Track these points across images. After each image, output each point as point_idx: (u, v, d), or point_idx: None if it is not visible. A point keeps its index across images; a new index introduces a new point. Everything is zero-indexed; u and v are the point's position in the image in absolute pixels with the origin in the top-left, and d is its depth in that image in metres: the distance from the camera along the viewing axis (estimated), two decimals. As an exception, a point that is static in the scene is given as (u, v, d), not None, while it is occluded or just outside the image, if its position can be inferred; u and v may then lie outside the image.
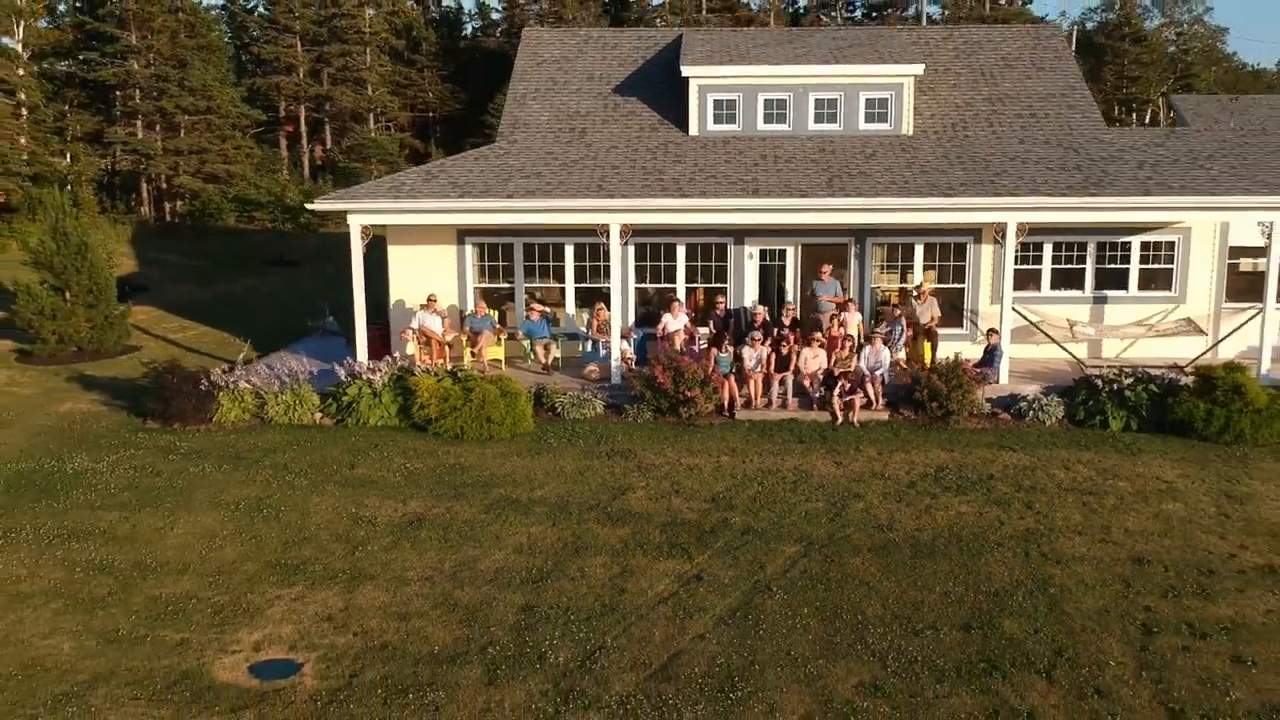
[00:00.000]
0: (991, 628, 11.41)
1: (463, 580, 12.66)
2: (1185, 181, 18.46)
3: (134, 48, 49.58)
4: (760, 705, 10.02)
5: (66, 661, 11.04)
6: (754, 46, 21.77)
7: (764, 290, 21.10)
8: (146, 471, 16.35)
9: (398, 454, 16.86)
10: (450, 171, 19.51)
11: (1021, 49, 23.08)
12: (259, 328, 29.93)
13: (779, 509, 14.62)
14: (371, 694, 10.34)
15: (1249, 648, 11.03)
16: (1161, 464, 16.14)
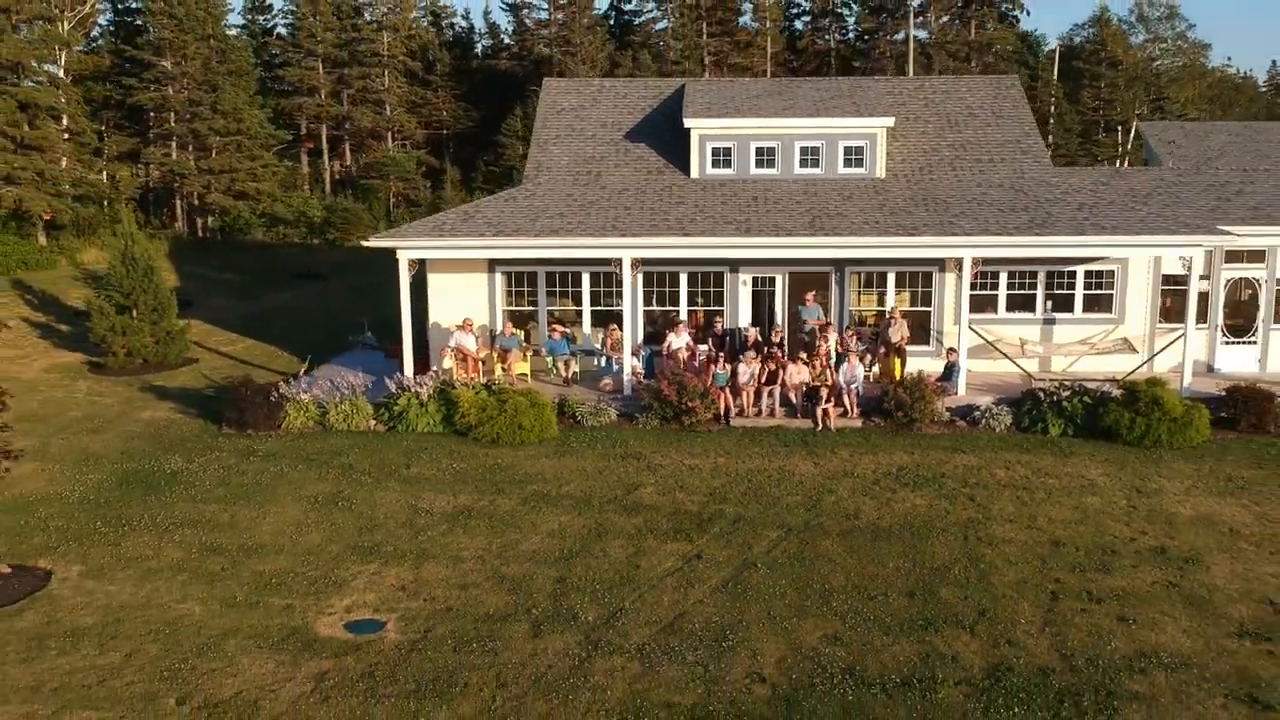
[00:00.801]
0: (931, 595, 14.30)
1: (507, 558, 15.56)
2: (1117, 223, 21.36)
3: (169, 74, 52.49)
4: (746, 652, 12.90)
5: (199, 620, 13.93)
6: (747, 98, 24.64)
7: (756, 312, 23.97)
8: (233, 471, 19.25)
9: (444, 456, 19.76)
10: (485, 212, 22.41)
11: (983, 99, 25.93)
12: (300, 341, 32.85)
13: (765, 501, 17.50)
14: (443, 644, 13.21)
15: (1133, 610, 13.90)
16: (1088, 464, 19.03)
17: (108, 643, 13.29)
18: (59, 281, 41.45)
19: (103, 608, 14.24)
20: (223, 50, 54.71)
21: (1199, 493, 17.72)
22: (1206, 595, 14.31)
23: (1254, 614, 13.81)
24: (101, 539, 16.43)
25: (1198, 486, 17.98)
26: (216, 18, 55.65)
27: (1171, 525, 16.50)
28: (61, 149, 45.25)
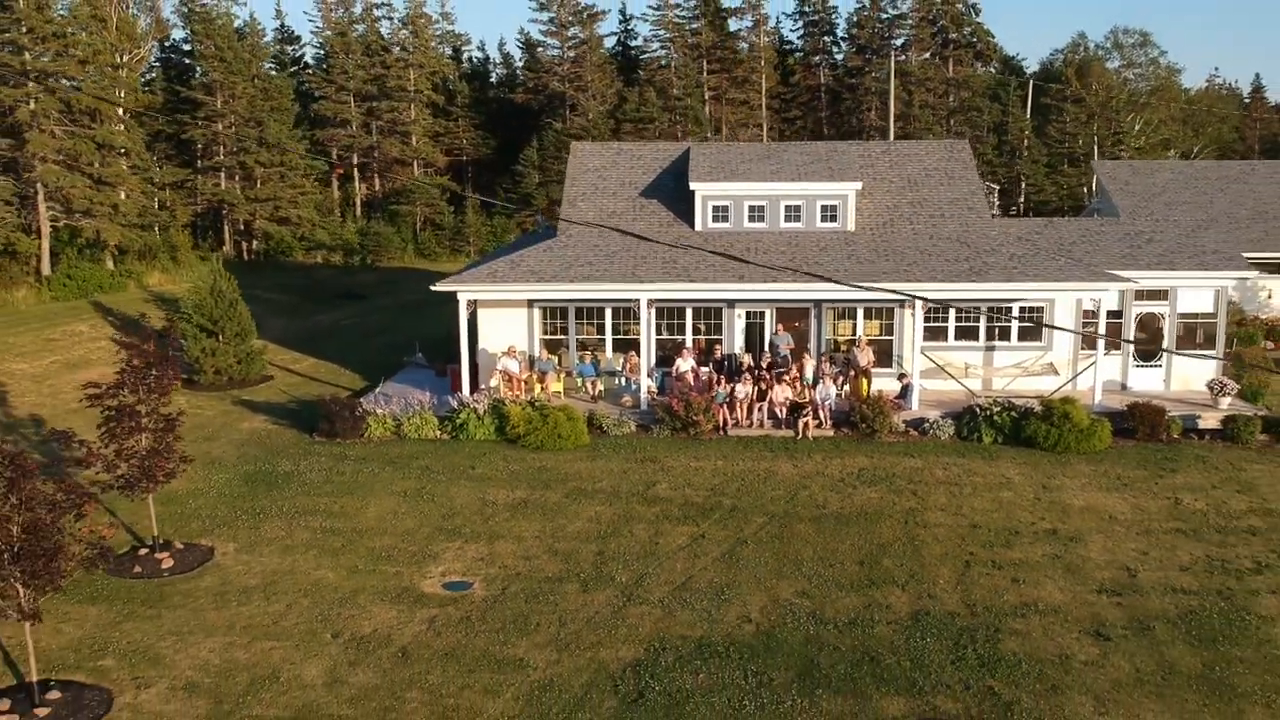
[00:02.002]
0: (875, 563, 19.05)
1: (558, 538, 20.30)
2: (1040, 271, 26.11)
3: (219, 111, 57.32)
4: (738, 602, 17.64)
5: (334, 582, 18.68)
6: (741, 162, 29.35)
7: (749, 340, 28.69)
8: (334, 471, 24.00)
9: (500, 460, 24.50)
10: (528, 261, 27.17)
11: (938, 161, 30.59)
12: (355, 358, 37.59)
13: (754, 495, 22.25)
14: (517, 597, 17.95)
15: (1024, 574, 18.64)
16: (1009, 466, 23.78)
17: (271, 597, 18.05)
18: (133, 304, 46.11)
19: (260, 573, 19.00)
20: (266, 88, 59.50)
21: (1091, 488, 22.48)
22: (1080, 564, 19.06)
23: (1113, 577, 18.57)
24: (244, 524, 21.18)
25: (1092, 484, 22.74)
26: (260, 58, 60.50)
27: (1065, 513, 21.26)
28: (130, 183, 49.98)
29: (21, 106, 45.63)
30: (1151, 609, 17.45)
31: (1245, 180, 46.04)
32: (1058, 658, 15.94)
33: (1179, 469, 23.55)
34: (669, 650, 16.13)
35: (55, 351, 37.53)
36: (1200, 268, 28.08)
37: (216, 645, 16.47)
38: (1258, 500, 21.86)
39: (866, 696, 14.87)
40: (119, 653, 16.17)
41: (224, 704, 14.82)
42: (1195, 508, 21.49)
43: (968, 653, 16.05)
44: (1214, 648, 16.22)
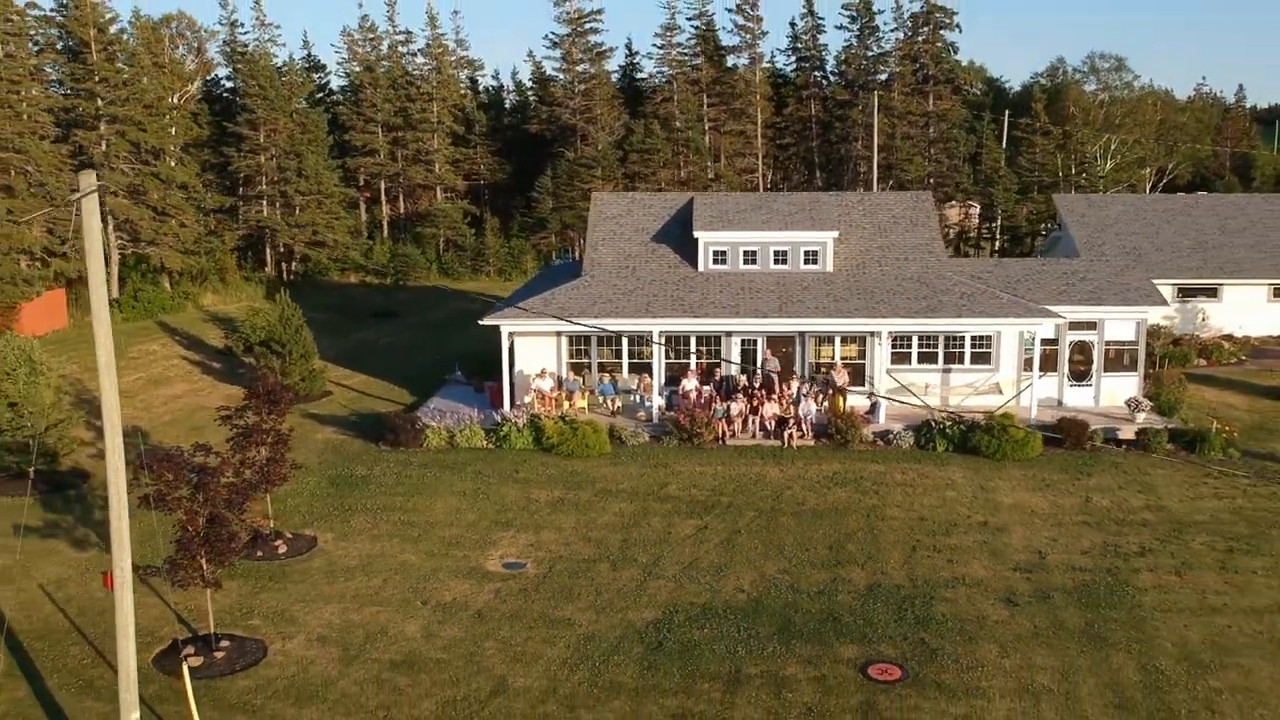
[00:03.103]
0: (841, 548, 23.96)
1: (591, 528, 25.20)
2: (984, 308, 31.03)
3: (262, 145, 62.22)
4: (733, 577, 22.55)
5: (416, 563, 23.57)
6: (737, 212, 34.21)
7: (744, 364, 33.58)
8: (402, 475, 28.91)
9: (539, 465, 29.41)
10: (559, 299, 32.07)
11: (905, 210, 35.42)
12: (399, 375, 42.41)
13: (747, 494, 27.15)
14: (561, 574, 22.84)
15: (957, 556, 23.55)
16: (955, 471, 28.68)
17: (369, 574, 22.96)
18: (194, 323, 51.04)
19: (357, 556, 23.92)
20: (303, 123, 64.36)
21: (1020, 489, 27.39)
22: (1003, 549, 23.98)
23: (1026, 559, 23.48)
24: (336, 518, 26.09)
25: (1020, 485, 27.66)
26: (298, 95, 65.39)
27: (996, 509, 26.18)
28: (187, 213, 54.83)
29: (96, 148, 50.56)
30: (1053, 583, 22.37)
31: (1189, 213, 50.92)
32: (975, 618, 20.86)
33: (1094, 473, 28.47)
34: (680, 612, 21.04)
35: (137, 369, 42.39)
36: (1124, 303, 32.99)
37: (334, 610, 21.39)
38: (1153, 499, 26.78)
39: (829, 644, 19.79)
40: (263, 615, 21.09)
41: (350, 650, 19.73)
42: (1101, 504, 26.42)
43: (907, 614, 20.97)
44: (1096, 611, 21.14)
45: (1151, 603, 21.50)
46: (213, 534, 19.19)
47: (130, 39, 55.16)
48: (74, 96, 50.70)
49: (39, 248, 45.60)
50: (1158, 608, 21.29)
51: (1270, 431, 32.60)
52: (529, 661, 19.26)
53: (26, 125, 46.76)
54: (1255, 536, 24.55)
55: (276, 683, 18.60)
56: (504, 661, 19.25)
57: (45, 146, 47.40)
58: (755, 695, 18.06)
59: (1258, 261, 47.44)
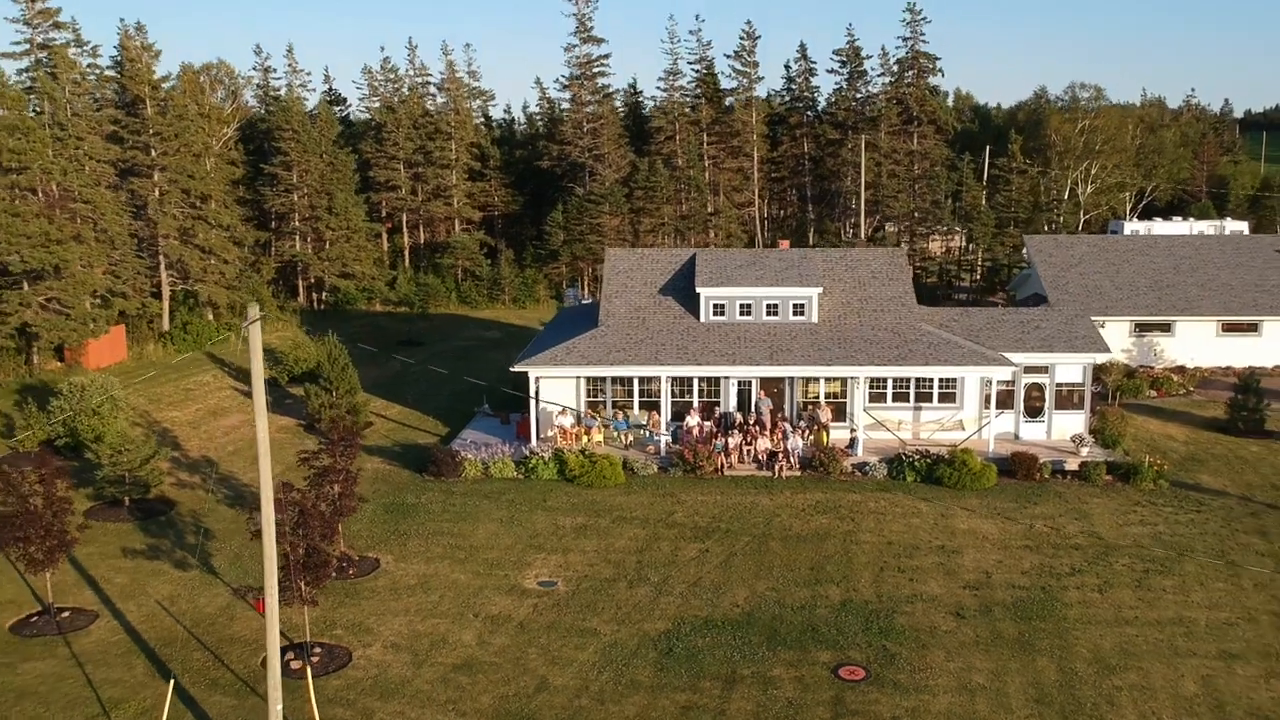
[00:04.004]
0: (821, 569, 28.32)
1: (610, 551, 29.56)
2: (949, 357, 35.40)
3: (295, 185, 66.62)
4: (730, 594, 26.91)
5: (465, 582, 27.87)
6: (734, 268, 38.55)
7: (740, 403, 37.91)
8: (447, 503, 33.25)
9: (563, 495, 33.77)
10: (579, 348, 36.44)
11: (882, 266, 39.75)
12: (432, 405, 46.72)
13: (742, 521, 31.51)
14: (587, 591, 27.20)
15: (918, 575, 27.89)
16: (920, 501, 33.03)
17: (427, 591, 27.31)
18: (238, 355, 55.28)
19: (416, 575, 28.27)
20: (333, 163, 68.78)
21: (974, 517, 31.77)
22: (956, 569, 28.34)
23: (975, 578, 27.84)
24: (395, 542, 30.46)
25: (975, 513, 32.03)
26: (329, 136, 69.80)
27: (953, 534, 30.55)
28: (229, 251, 59.16)
29: (150, 194, 54.96)
30: (995, 598, 26.74)
31: (1146, 253, 55.30)
32: (929, 628, 25.23)
33: (1039, 502, 32.85)
34: (686, 624, 25.41)
35: (195, 400, 46.72)
36: (1072, 350, 37.37)
37: (402, 622, 25.75)
38: (1088, 525, 31.15)
39: (808, 650, 24.15)
40: (344, 626, 25.46)
41: (419, 655, 24.09)
42: (1043, 530, 30.80)
43: (873, 625, 25.33)
44: (1028, 622, 25.50)
45: (1075, 616, 25.86)
46: (310, 561, 23.55)
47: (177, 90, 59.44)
48: (130, 148, 55.03)
49: (104, 289, 49.92)
50: (1080, 620, 25.65)
51: (1200, 462, 36.94)
52: (564, 664, 23.62)
53: (91, 177, 51.16)
54: (1169, 559, 28.92)
55: (363, 682, 22.96)
56: (544, 664, 23.61)
57: (108, 196, 51.79)
58: (747, 692, 22.42)
59: (1208, 299, 51.81)
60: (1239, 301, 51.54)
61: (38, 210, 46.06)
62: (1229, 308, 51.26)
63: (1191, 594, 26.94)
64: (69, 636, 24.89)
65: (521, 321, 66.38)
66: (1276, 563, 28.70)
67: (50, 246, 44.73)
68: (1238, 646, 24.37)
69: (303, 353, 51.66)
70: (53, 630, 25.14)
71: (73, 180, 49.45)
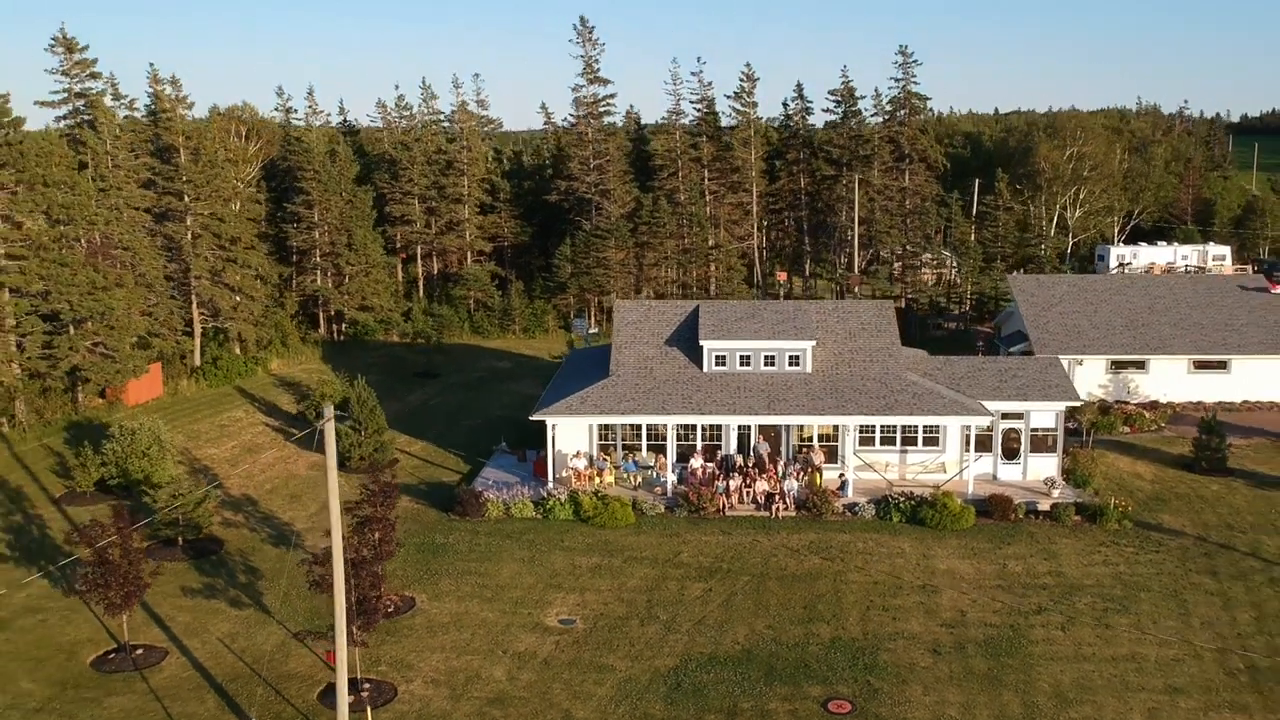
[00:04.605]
0: (813, 608, 31.28)
1: (622, 590, 32.53)
2: (932, 407, 38.39)
3: (316, 223, 69.64)
4: (731, 632, 29.88)
5: (493, 620, 30.85)
6: (735, 321, 41.53)
7: (740, 447, 40.87)
8: (473, 543, 36.20)
9: (578, 534, 36.73)
10: (592, 398, 39.45)
11: (871, 318, 42.72)
12: (451, 440, 49.65)
13: (742, 561, 34.48)
14: (603, 629, 30.17)
15: (901, 614, 30.84)
16: (905, 540, 35.99)
17: (460, 630, 30.27)
18: (266, 388, 58.25)
19: (448, 614, 31.24)
20: (352, 200, 71.78)
21: (953, 557, 34.74)
22: (935, 608, 31.31)
23: (952, 616, 30.82)
24: (427, 581, 33.41)
25: (954, 553, 34.99)
26: (348, 176, 72.82)
27: (933, 574, 33.53)
28: (257, 289, 62.16)
29: (183, 238, 57.99)
30: (969, 636, 29.71)
31: (1123, 293, 58.31)
32: (909, 665, 28.20)
33: (1012, 542, 35.83)
34: (693, 660, 28.38)
35: (231, 436, 49.71)
36: (1045, 398, 40.37)
37: (439, 658, 28.72)
38: (1055, 565, 34.12)
39: (800, 685, 27.12)
40: (388, 662, 28.43)
41: (456, 690, 27.07)
42: (1014, 570, 33.78)
43: (859, 661, 28.31)
44: (997, 659, 28.48)
45: (1039, 652, 28.83)
46: (361, 608, 26.53)
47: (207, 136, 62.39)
48: (165, 194, 58.04)
49: (144, 331, 52.90)
50: (1043, 656, 28.63)
51: (1164, 502, 39.91)
52: (585, 699, 26.59)
53: (129, 224, 54.19)
54: (1127, 598, 31.90)
55: (408, 715, 25.94)
56: (568, 698, 26.59)
57: (145, 241, 54.83)
58: (747, 724, 25.41)
59: (1180, 338, 54.79)
60: (1209, 340, 54.53)
61: (84, 260, 49.08)
62: (1200, 346, 54.23)
63: (1145, 631, 29.92)
64: (144, 672, 27.87)
65: (532, 352, 69.36)
66: (1223, 601, 31.67)
67: (97, 294, 47.74)
68: (1182, 681, 27.34)
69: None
70: (129, 666, 28.12)
71: (114, 229, 52.46)
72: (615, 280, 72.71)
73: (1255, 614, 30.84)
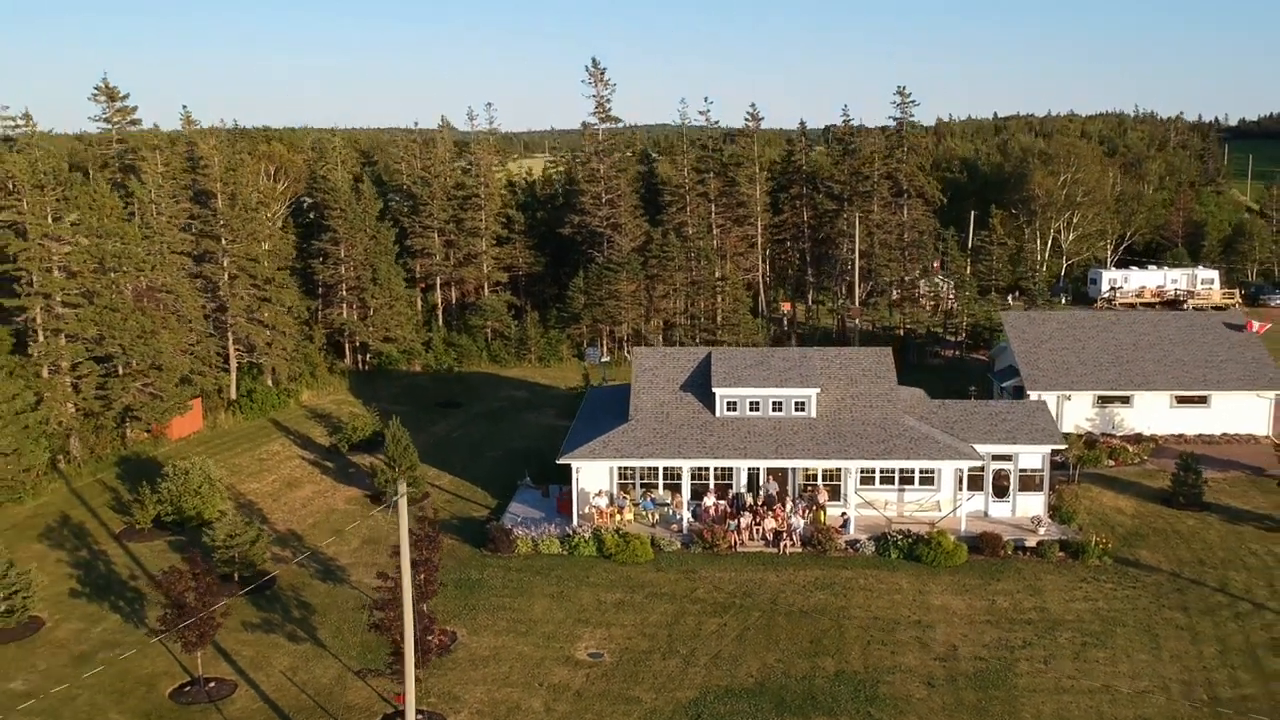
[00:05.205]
0: (819, 643, 34.24)
1: (645, 625, 35.48)
2: (927, 451, 41.37)
3: (342, 259, 72.69)
4: (744, 665, 32.83)
5: (528, 654, 33.82)
6: (745, 367, 44.53)
7: (750, 487, 43.83)
8: (506, 579, 39.10)
9: (602, 571, 39.66)
10: (614, 443, 42.44)
11: (870, 365, 45.68)
12: (477, 474, 52.52)
13: (753, 597, 37.41)
14: (628, 663, 33.12)
15: (898, 649, 33.79)
16: (902, 577, 38.92)
17: (499, 663, 33.23)
18: (299, 420, 61.22)
19: (488, 648, 34.20)
20: (376, 236, 74.83)
21: (946, 593, 37.68)
22: (929, 642, 34.25)
23: (945, 650, 33.79)
24: (467, 616, 36.37)
25: (947, 589, 37.94)
26: (372, 213, 75.86)
27: (928, 609, 36.46)
28: (289, 325, 65.15)
29: (220, 278, 61.04)
30: (961, 669, 32.66)
31: (1110, 330, 61.25)
32: (905, 696, 31.16)
33: (1001, 578, 38.77)
34: (711, 692, 31.35)
35: (270, 471, 52.68)
36: (1033, 441, 43.34)
37: (482, 690, 31.68)
38: (1040, 601, 37.07)
39: (808, 716, 30.07)
40: (437, 694, 31.40)
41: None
42: (1002, 605, 36.72)
43: (861, 694, 31.26)
44: (985, 691, 31.43)
45: (1024, 685, 31.78)
46: (417, 647, 29.48)
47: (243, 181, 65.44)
48: (203, 236, 61.09)
49: (187, 370, 55.92)
50: (1027, 689, 31.57)
51: (1142, 537, 42.84)
52: (616, 728, 29.57)
53: (172, 268, 57.24)
54: (1104, 633, 34.83)
55: (459, 743, 28.91)
56: (600, 728, 29.57)
57: (186, 284, 57.88)
58: (761, 752, 28.35)
59: (1162, 375, 57.75)
60: (1190, 376, 57.50)
61: (133, 306, 52.14)
62: (1181, 382, 57.21)
63: (1119, 665, 32.86)
64: (219, 704, 30.85)
65: (548, 381, 72.32)
66: (1191, 636, 34.61)
67: (147, 338, 50.78)
68: (1150, 712, 30.29)
69: (360, 422, 57.65)
70: (204, 699, 31.10)
71: (159, 273, 55.51)
72: (626, 311, 75.69)
73: (1220, 648, 33.77)
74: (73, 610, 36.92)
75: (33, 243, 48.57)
